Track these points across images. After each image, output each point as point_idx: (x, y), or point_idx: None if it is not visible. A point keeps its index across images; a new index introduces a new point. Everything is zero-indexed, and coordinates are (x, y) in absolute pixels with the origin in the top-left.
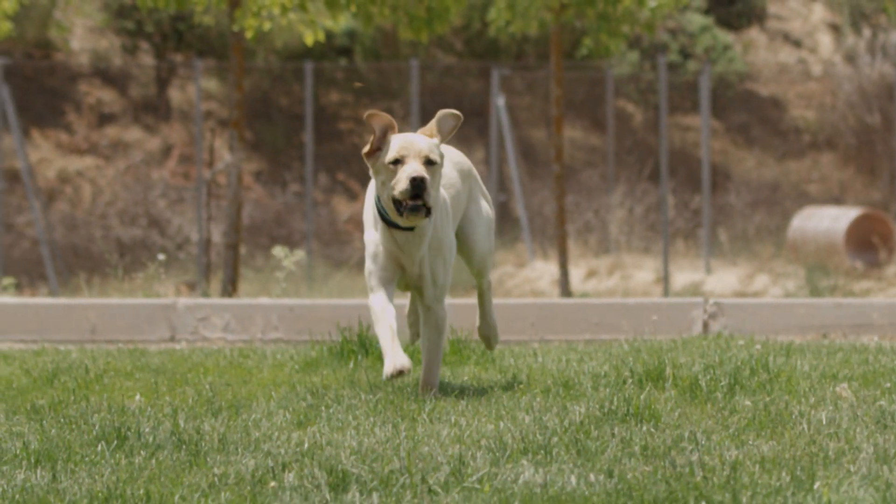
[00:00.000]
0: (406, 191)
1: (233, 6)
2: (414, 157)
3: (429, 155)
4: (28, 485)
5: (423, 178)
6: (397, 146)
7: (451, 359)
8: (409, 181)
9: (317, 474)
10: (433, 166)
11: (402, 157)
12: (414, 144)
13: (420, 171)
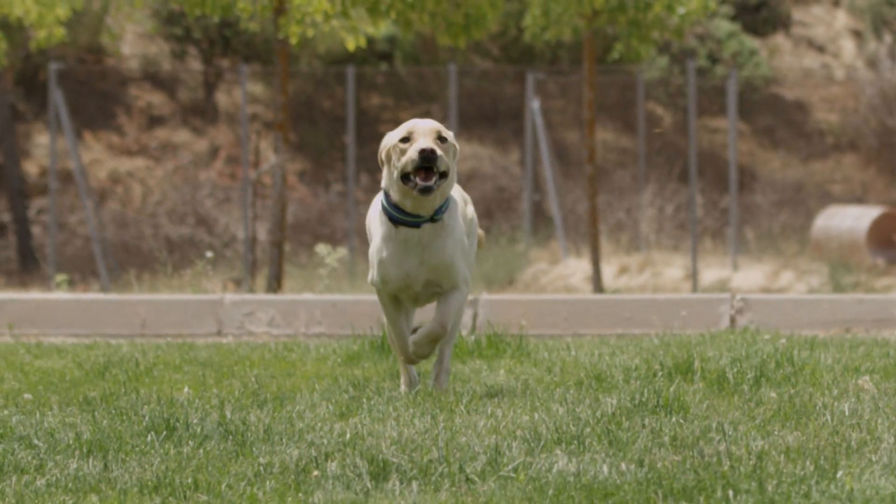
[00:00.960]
0: (414, 161)
1: (277, 13)
2: (424, 133)
3: (440, 131)
4: (81, 473)
5: (433, 149)
6: (407, 125)
7: (488, 352)
8: (419, 153)
9: (358, 463)
10: (445, 143)
11: (410, 133)
12: (424, 122)
13: (430, 143)
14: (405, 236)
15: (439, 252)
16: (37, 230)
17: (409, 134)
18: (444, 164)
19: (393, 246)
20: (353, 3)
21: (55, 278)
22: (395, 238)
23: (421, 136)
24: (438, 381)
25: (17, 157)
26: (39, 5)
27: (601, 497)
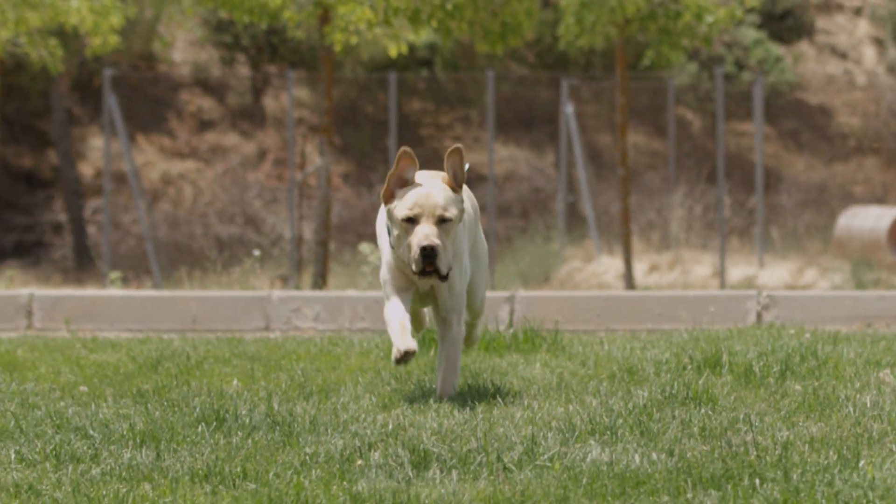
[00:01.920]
0: (417, 261)
1: (323, 21)
2: (427, 216)
3: (444, 213)
4: (134, 462)
5: (433, 247)
6: (411, 201)
7: (524, 346)
8: (419, 249)
9: (400, 453)
10: (448, 224)
11: (415, 215)
12: (429, 199)
13: (431, 237)
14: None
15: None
16: (92, 229)
17: (414, 215)
18: (443, 263)
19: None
20: (394, 12)
21: (110, 276)
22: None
23: (426, 218)
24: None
25: (73, 160)
26: (94, 14)
27: (633, 485)
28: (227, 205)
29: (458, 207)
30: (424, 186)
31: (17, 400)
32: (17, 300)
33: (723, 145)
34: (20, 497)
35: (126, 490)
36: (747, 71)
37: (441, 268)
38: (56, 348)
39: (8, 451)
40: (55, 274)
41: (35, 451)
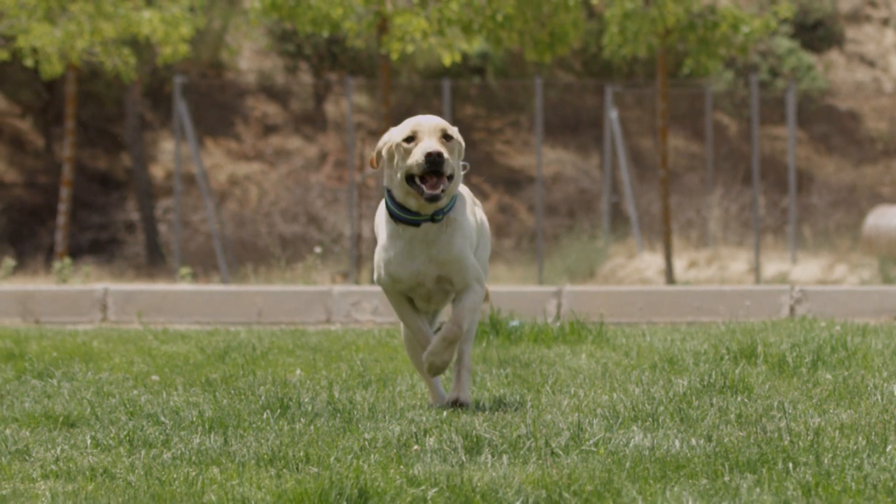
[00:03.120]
0: (420, 164)
1: (381, 31)
2: (429, 133)
3: (446, 129)
4: (203, 447)
5: (440, 152)
6: (410, 123)
7: (571, 338)
8: (425, 156)
9: (454, 439)
10: (451, 142)
11: (415, 132)
12: (429, 120)
13: (436, 145)
14: (411, 234)
15: (447, 247)
16: (163, 228)
17: (413, 133)
18: (450, 167)
19: (399, 244)
20: (448, 23)
21: (180, 271)
22: (402, 236)
23: (426, 135)
24: (460, 383)
25: (145, 162)
26: (165, 25)
27: (673, 469)
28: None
29: (458, 135)
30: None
31: (93, 388)
32: (93, 294)
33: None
34: (96, 480)
35: (195, 473)
36: (781, 78)
37: (447, 170)
38: (129, 340)
39: (84, 437)
40: (128, 270)
41: (110, 436)
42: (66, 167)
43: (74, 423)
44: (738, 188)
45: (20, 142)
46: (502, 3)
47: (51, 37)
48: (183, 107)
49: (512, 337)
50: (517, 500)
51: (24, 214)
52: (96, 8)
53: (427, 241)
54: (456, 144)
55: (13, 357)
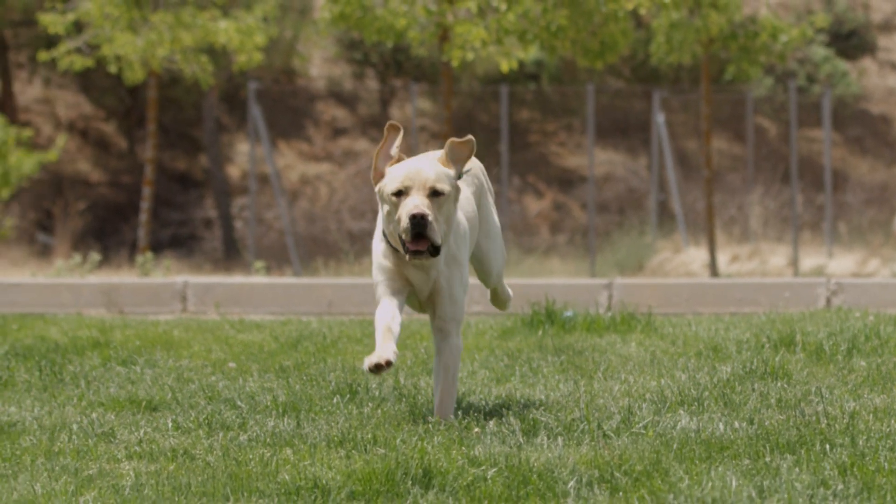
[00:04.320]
0: (406, 229)
1: (442, 40)
2: (418, 188)
3: (435, 185)
4: (277, 430)
5: (424, 214)
6: (401, 175)
7: (621, 327)
8: (409, 219)
9: (512, 422)
10: (440, 197)
11: (405, 188)
12: (419, 174)
13: (421, 206)
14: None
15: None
16: (238, 224)
17: (403, 188)
18: (435, 233)
19: (389, 266)
20: (505, 32)
21: (254, 265)
22: (392, 261)
23: (416, 190)
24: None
25: (222, 163)
26: (241, 34)
27: (718, 450)
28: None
29: (452, 184)
30: (415, 160)
31: (174, 375)
32: (173, 287)
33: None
34: (177, 460)
35: (270, 454)
36: (817, 84)
37: (434, 237)
38: (207, 329)
39: (166, 420)
40: (206, 263)
41: (190, 420)
42: (147, 168)
43: (156, 408)
44: (777, 187)
45: (105, 144)
46: (556, 14)
47: (133, 45)
48: (257, 111)
49: (566, 326)
50: (571, 479)
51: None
52: (176, 18)
53: (417, 267)
54: (449, 196)
55: (99, 345)
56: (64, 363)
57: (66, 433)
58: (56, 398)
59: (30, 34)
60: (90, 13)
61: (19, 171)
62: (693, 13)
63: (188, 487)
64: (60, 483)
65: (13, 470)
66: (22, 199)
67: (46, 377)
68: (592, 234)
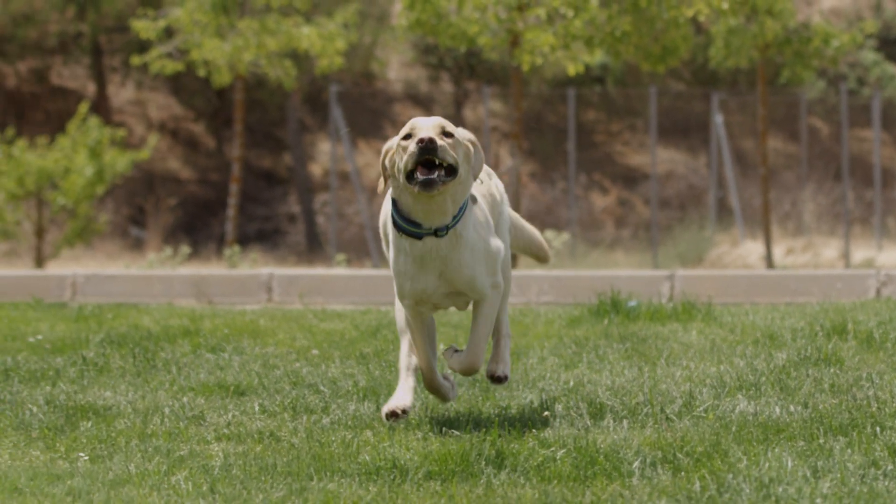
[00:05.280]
0: (413, 153)
1: (513, 45)
2: (426, 128)
3: (444, 126)
4: (358, 413)
5: (432, 138)
6: (409, 123)
7: (683, 316)
8: (417, 143)
9: (580, 405)
10: (451, 139)
11: (412, 130)
12: (428, 119)
13: (430, 132)
14: (418, 250)
15: (456, 268)
16: (320, 219)
17: (410, 130)
18: (448, 155)
19: (407, 261)
20: (573, 38)
21: (336, 257)
22: (409, 252)
23: (422, 131)
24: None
25: (305, 161)
26: (322, 39)
27: (774, 432)
28: None
29: (464, 136)
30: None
31: (260, 361)
32: (259, 278)
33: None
34: (263, 442)
35: (351, 436)
36: (867, 87)
37: (446, 157)
38: (292, 318)
39: (253, 404)
40: (290, 256)
41: (275, 403)
42: (234, 166)
43: (244, 392)
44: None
45: (194, 143)
46: (620, 20)
47: (221, 50)
48: (338, 112)
49: (630, 315)
50: (636, 459)
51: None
52: (261, 25)
53: (434, 259)
54: (460, 143)
55: (189, 333)
56: (156, 350)
57: (159, 416)
58: (149, 383)
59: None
60: (180, 20)
61: (113, 170)
62: (750, 20)
63: (274, 468)
64: (153, 463)
65: (109, 451)
66: (116, 195)
67: (140, 363)
68: (655, 229)
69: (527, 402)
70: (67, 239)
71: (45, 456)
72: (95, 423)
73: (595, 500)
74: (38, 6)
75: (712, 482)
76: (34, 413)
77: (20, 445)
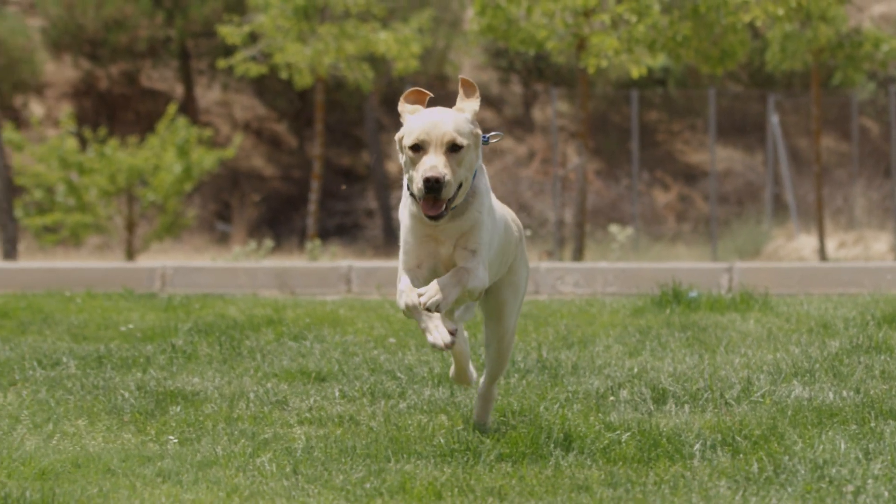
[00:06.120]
0: (420, 191)
1: (579, 49)
2: (435, 145)
3: (454, 139)
4: (433, 398)
5: (438, 178)
6: (418, 127)
7: (741, 306)
8: (423, 181)
9: (643, 391)
10: (458, 152)
11: (421, 142)
12: (437, 127)
13: (436, 167)
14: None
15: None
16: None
17: (420, 142)
18: (450, 190)
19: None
20: (636, 42)
21: None
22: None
23: (432, 149)
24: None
25: (382, 159)
26: (398, 44)
27: (827, 416)
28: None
29: (471, 132)
30: (434, 111)
31: (340, 349)
32: (339, 270)
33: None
34: (343, 426)
35: (427, 420)
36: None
37: (447, 193)
38: (370, 308)
39: (333, 390)
40: (368, 249)
41: (354, 389)
42: (315, 163)
43: (325, 378)
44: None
45: (277, 142)
46: (681, 25)
47: (302, 54)
48: None
49: (691, 305)
50: (697, 442)
51: (281, 203)
52: (340, 30)
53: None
54: (468, 149)
55: (273, 322)
56: (241, 338)
57: (244, 401)
58: (234, 370)
59: (210, 44)
60: (264, 25)
61: (200, 167)
62: (804, 25)
63: (353, 450)
64: (239, 446)
65: (197, 434)
66: (203, 191)
67: (226, 351)
68: (714, 223)
69: (593, 387)
70: (157, 233)
71: (137, 439)
72: (184, 408)
73: (658, 481)
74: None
75: (769, 464)
76: (126, 398)
77: (113, 429)
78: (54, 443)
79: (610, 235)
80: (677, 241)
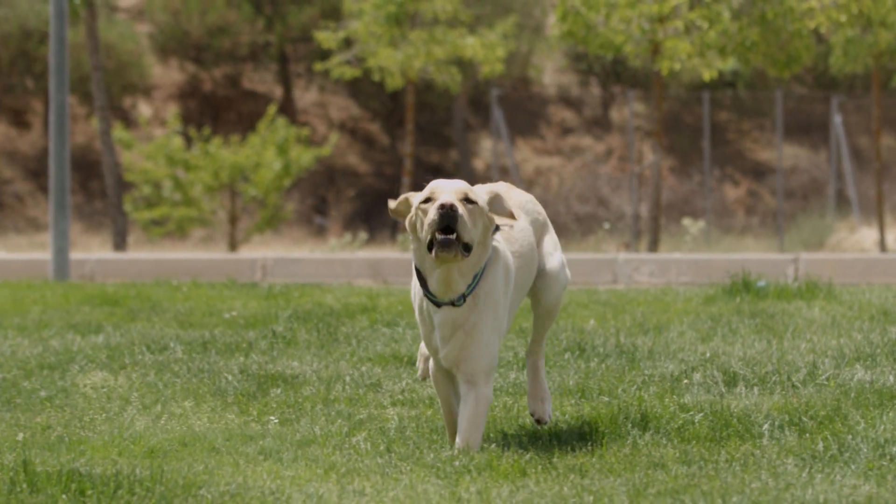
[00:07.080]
0: (433, 221)
1: (654, 53)
2: (448, 192)
3: (468, 193)
4: (518, 381)
5: (453, 205)
6: (430, 186)
7: (806, 295)
8: (437, 209)
9: (715, 374)
10: (473, 206)
11: (432, 192)
12: (450, 183)
13: (451, 199)
14: (439, 317)
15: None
16: None
17: (431, 194)
18: (466, 230)
19: (427, 322)
20: (707, 47)
21: None
22: (428, 316)
23: (443, 194)
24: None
25: (469, 157)
26: (485, 48)
27: (888, 398)
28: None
29: (484, 203)
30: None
31: None
32: None
33: None
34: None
35: (512, 402)
36: None
37: (463, 234)
38: None
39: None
40: None
41: None
42: (406, 161)
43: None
44: None
45: (370, 141)
46: (750, 31)
47: (394, 58)
48: (499, 113)
49: (759, 294)
50: (766, 422)
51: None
52: (430, 35)
53: (453, 325)
54: (479, 211)
55: (367, 310)
56: (338, 325)
57: (340, 384)
58: (331, 354)
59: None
60: (358, 31)
61: (299, 164)
62: (865, 30)
63: (443, 430)
64: (336, 426)
65: (296, 415)
66: (301, 187)
67: (323, 337)
68: (781, 217)
69: (668, 371)
70: (258, 226)
71: (240, 419)
72: (284, 390)
73: (729, 459)
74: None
75: (834, 443)
76: (229, 381)
77: (217, 410)
78: (162, 423)
79: (683, 228)
80: (746, 233)
